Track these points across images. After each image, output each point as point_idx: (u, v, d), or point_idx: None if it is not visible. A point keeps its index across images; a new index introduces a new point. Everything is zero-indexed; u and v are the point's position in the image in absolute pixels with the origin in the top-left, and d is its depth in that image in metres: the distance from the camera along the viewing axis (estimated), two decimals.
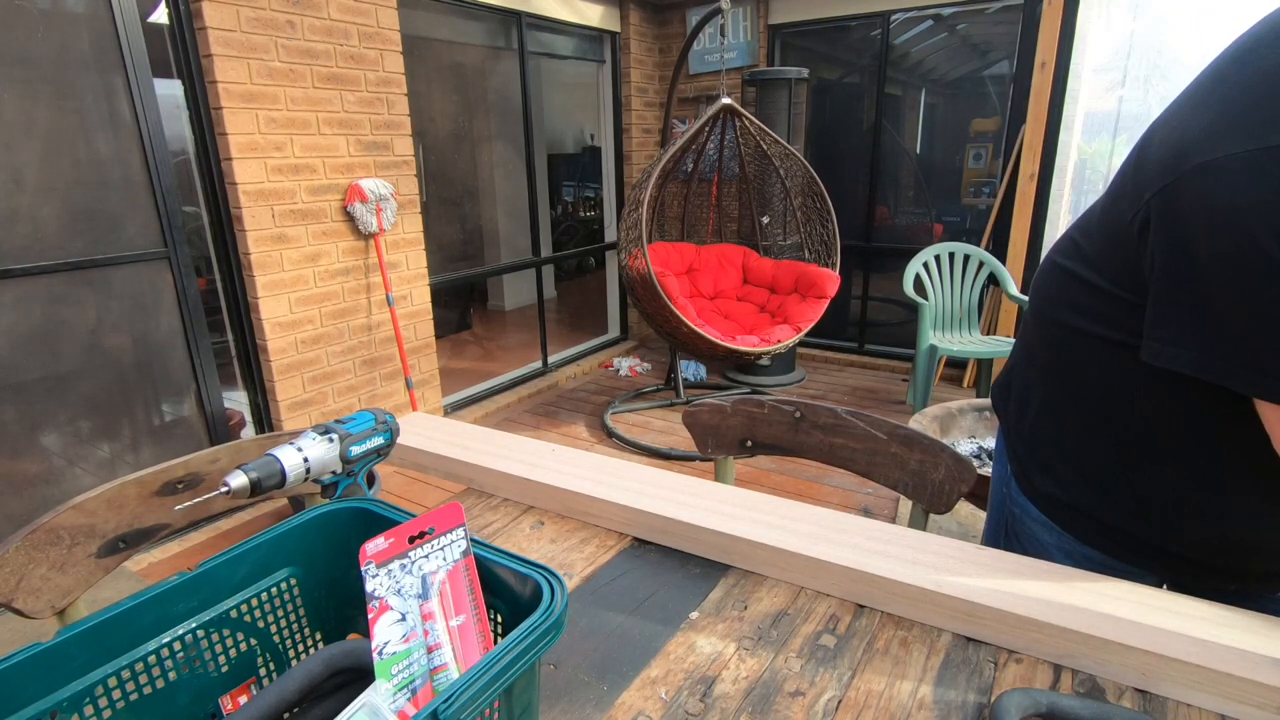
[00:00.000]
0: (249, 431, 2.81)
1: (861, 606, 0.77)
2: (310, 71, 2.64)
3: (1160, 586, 0.78)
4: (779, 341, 3.36)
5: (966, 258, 3.62)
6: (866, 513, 2.70)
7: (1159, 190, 0.62)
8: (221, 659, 0.58)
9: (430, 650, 0.53)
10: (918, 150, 4.31)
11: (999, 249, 3.79)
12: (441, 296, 3.54)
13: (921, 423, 2.35)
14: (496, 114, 5.40)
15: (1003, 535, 0.95)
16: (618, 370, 4.64)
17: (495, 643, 0.56)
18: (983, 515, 2.15)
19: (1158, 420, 0.72)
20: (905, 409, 3.74)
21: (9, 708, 0.46)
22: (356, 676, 0.57)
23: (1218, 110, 0.59)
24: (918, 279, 3.57)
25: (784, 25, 4.41)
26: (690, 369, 4.45)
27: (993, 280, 3.68)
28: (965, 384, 4.03)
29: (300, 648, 0.64)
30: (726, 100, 3.42)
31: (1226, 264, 0.58)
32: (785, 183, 3.93)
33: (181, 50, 2.35)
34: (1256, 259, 0.55)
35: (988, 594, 0.71)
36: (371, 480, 2.69)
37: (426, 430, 1.20)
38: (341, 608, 0.66)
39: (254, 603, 0.60)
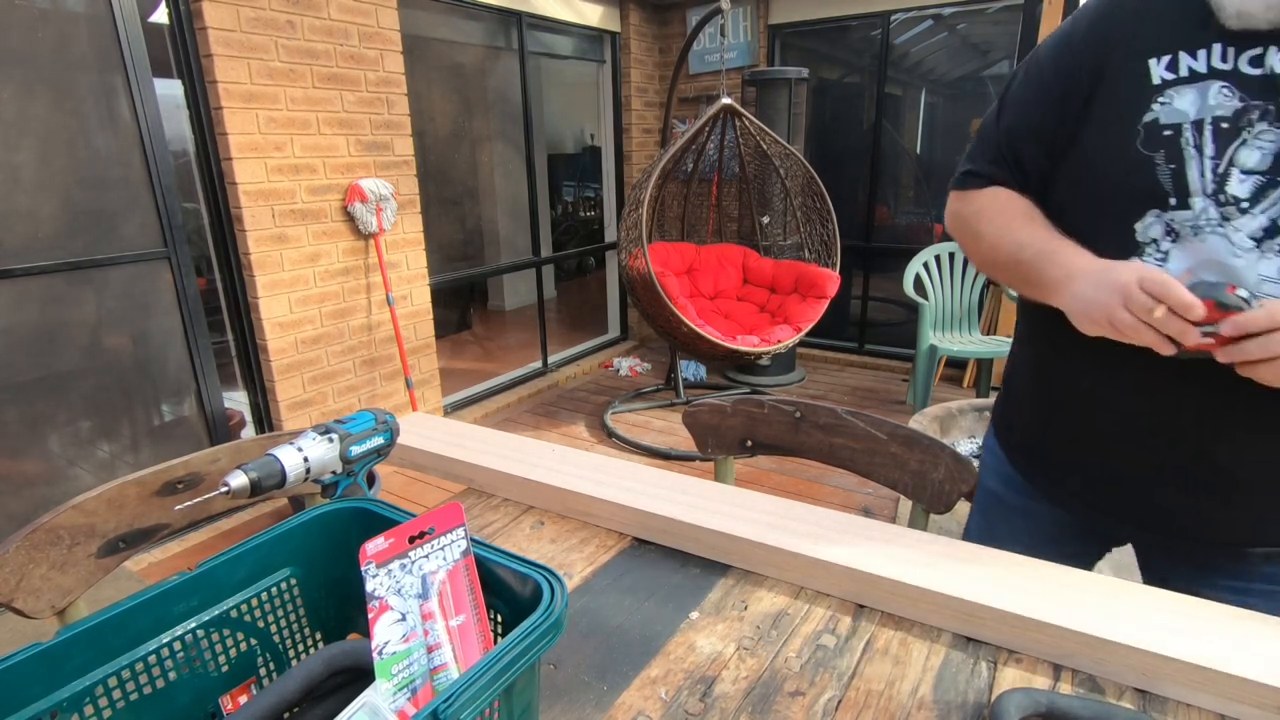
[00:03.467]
0: (249, 431, 2.81)
1: (861, 606, 0.77)
2: (310, 71, 2.64)
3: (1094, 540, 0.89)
4: (779, 341, 3.36)
5: (966, 258, 3.62)
6: (866, 513, 2.70)
7: None
8: (221, 659, 0.58)
9: (430, 650, 0.53)
10: (918, 150, 4.31)
11: None
12: (441, 296, 3.53)
13: (921, 423, 2.35)
14: (496, 114, 5.40)
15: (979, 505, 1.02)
16: (618, 370, 4.63)
17: (495, 643, 0.56)
18: None
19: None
20: (905, 409, 3.74)
21: (9, 708, 0.46)
22: (356, 676, 0.57)
23: None
24: (918, 279, 3.57)
25: (784, 25, 4.41)
26: (690, 369, 4.45)
27: (992, 280, 3.67)
28: (965, 384, 4.03)
29: (300, 648, 0.64)
30: (726, 100, 3.42)
31: None
32: (785, 183, 3.93)
33: (181, 50, 2.35)
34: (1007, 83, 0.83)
35: (987, 594, 0.71)
36: (371, 480, 2.69)
37: (426, 430, 1.20)
38: (341, 608, 0.66)
39: (254, 603, 0.60)
